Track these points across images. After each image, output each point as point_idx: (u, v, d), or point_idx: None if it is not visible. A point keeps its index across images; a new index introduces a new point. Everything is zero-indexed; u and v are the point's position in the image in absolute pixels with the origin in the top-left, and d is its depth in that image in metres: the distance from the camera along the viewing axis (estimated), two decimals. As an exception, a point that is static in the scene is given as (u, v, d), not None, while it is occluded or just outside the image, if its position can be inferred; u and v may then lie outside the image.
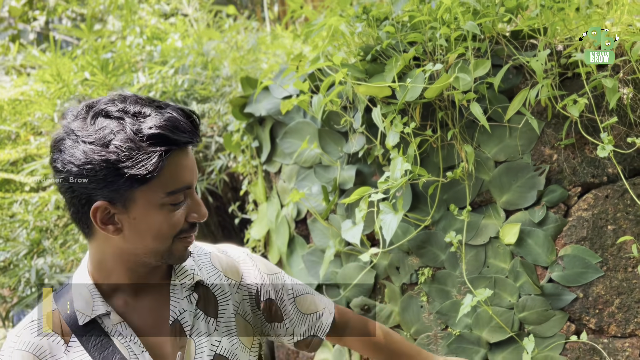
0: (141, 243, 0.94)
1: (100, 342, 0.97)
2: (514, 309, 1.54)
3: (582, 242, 1.51)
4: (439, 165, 1.62)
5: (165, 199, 0.91)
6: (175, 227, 0.94)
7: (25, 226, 2.25)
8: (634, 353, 1.48)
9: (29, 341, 0.97)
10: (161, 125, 0.89)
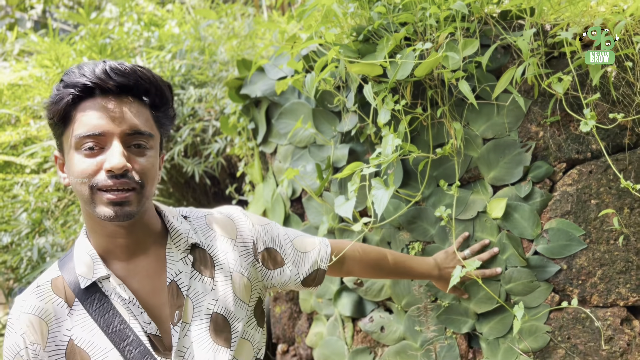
0: (75, 188, 1.01)
1: (102, 305, 1.02)
2: (500, 281, 1.60)
3: (566, 216, 1.57)
4: (429, 143, 1.67)
5: (77, 141, 0.98)
6: (85, 172, 0.97)
7: (27, 207, 2.30)
8: (615, 322, 1.54)
9: (35, 305, 1.02)
10: (75, 72, 0.98)
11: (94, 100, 0.98)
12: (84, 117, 0.97)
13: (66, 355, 1.00)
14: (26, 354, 0.99)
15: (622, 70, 1.53)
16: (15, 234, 2.21)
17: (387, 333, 1.75)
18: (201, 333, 1.06)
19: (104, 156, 0.97)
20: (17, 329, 1.01)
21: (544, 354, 1.57)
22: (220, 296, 1.10)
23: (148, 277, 1.07)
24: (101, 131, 0.97)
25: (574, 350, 1.55)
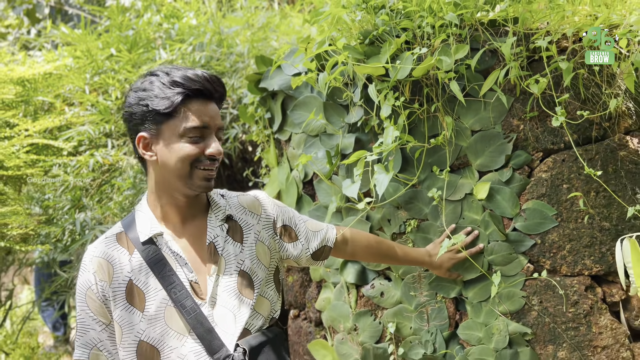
0: (170, 168, 1.26)
1: (155, 255, 1.29)
2: (483, 253, 1.86)
3: (541, 197, 1.82)
4: (424, 134, 1.92)
5: (184, 131, 1.24)
6: (191, 156, 1.25)
7: (67, 186, 2.58)
8: (580, 288, 1.80)
9: (104, 251, 1.30)
10: (183, 76, 1.24)
11: (198, 101, 1.25)
12: (191, 113, 1.24)
13: (126, 292, 1.26)
14: (96, 288, 1.26)
15: (591, 73, 1.77)
16: (57, 209, 2.49)
17: (386, 298, 2.02)
18: (230, 285, 1.33)
19: (204, 144, 1.26)
20: (90, 269, 1.28)
21: (519, 315, 1.84)
22: (246, 258, 1.37)
23: (192, 237, 1.34)
24: (206, 125, 1.26)
25: (544, 312, 1.82)
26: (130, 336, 1.25)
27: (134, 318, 1.26)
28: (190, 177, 1.26)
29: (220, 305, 1.30)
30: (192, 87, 1.24)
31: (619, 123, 1.83)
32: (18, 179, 2.69)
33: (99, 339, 1.27)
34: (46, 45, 5.37)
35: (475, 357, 1.86)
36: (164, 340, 1.25)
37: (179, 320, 1.26)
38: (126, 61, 3.13)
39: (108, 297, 1.26)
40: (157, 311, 1.25)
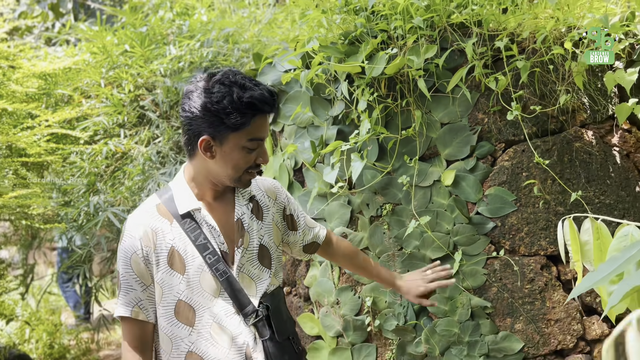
0: (224, 168, 1.46)
1: (192, 226, 1.49)
2: (450, 234, 2.05)
3: (502, 184, 2.01)
4: (399, 126, 2.11)
5: (246, 143, 1.43)
6: (247, 164, 1.45)
7: (83, 171, 2.83)
8: (536, 267, 1.98)
9: (147, 220, 1.49)
10: (254, 97, 1.40)
11: (262, 117, 1.43)
12: (255, 127, 1.41)
13: (168, 257, 1.46)
14: (141, 253, 1.45)
15: (546, 72, 1.94)
16: (74, 193, 2.75)
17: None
18: (253, 256, 1.55)
19: (257, 153, 1.45)
20: (135, 235, 1.46)
21: (481, 291, 2.03)
22: (265, 234, 1.60)
23: (222, 213, 1.55)
24: (264, 138, 1.46)
25: (504, 288, 2.00)
26: (169, 296, 1.46)
27: (174, 280, 1.46)
28: (239, 179, 1.48)
29: (245, 272, 1.52)
30: (265, 109, 1.42)
31: (575, 117, 2.00)
32: (39, 165, 2.95)
33: (140, 298, 1.46)
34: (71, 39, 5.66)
35: (441, 328, 2.06)
36: (199, 301, 1.46)
37: (212, 283, 1.47)
38: (139, 56, 3.37)
39: (151, 261, 1.45)
40: (194, 275, 1.46)
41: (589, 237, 1.52)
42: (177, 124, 3.25)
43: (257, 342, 1.48)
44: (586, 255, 1.55)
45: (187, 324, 1.45)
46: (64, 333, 4.97)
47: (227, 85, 1.40)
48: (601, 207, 1.97)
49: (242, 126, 1.40)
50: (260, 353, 1.47)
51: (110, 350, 5.06)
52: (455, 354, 2.06)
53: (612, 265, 1.09)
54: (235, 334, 1.46)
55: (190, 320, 1.45)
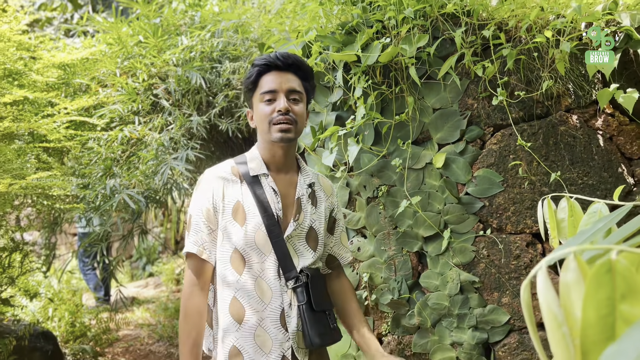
0: (260, 128, 1.65)
1: (258, 188, 1.65)
2: (440, 214, 2.18)
3: (490, 166, 2.12)
4: (393, 112, 2.23)
5: (261, 97, 1.63)
6: (267, 114, 1.61)
7: (99, 157, 3.00)
8: (522, 244, 2.10)
9: (222, 175, 1.67)
10: (258, 58, 1.64)
11: (272, 73, 1.62)
12: (264, 82, 1.62)
13: (233, 209, 1.63)
14: (212, 201, 1.62)
15: (532, 59, 2.04)
16: (92, 176, 2.92)
17: (362, 252, 2.37)
18: (302, 233, 1.69)
19: (276, 104, 1.61)
20: (209, 185, 1.64)
21: (469, 267, 2.15)
22: (316, 220, 1.74)
23: (285, 187, 1.70)
24: (274, 88, 1.62)
25: (491, 264, 2.13)
26: (228, 243, 1.62)
27: (234, 230, 1.62)
28: (270, 130, 1.63)
29: (291, 245, 1.67)
30: (261, 63, 1.63)
31: (560, 102, 2.10)
32: (59, 150, 3.13)
33: (205, 240, 1.63)
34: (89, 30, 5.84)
35: (433, 302, 2.19)
36: (250, 254, 1.61)
37: (265, 241, 1.62)
38: (152, 47, 3.52)
39: (218, 209, 1.63)
40: (251, 230, 1.62)
41: (564, 215, 1.64)
42: (189, 112, 3.40)
43: (292, 307, 1.60)
44: (562, 232, 1.67)
45: (237, 271, 1.60)
46: (84, 313, 5.20)
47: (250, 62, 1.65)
48: (584, 188, 2.07)
49: (253, 85, 1.64)
50: (293, 318, 1.59)
51: (128, 330, 5.29)
52: (446, 326, 2.19)
53: (580, 238, 1.20)
54: (275, 294, 1.60)
55: (240, 269, 1.60)
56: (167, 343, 4.89)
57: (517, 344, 2.09)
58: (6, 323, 3.86)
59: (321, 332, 1.59)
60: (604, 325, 0.68)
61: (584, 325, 0.68)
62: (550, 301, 0.72)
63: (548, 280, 0.75)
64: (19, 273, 3.47)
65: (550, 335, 0.68)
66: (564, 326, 0.71)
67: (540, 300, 0.72)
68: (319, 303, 1.62)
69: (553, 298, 0.72)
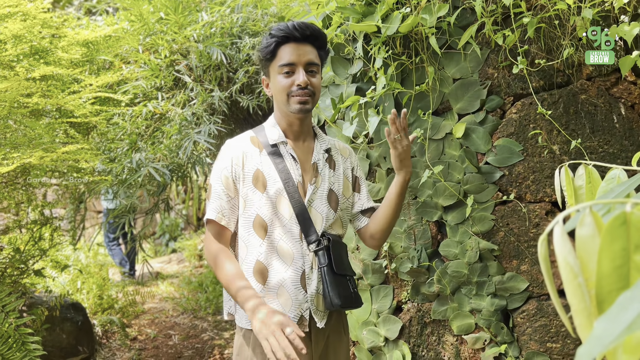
0: (277, 97, 1.68)
1: (278, 156, 1.71)
2: (460, 183, 2.20)
3: (510, 136, 2.13)
4: (414, 82, 2.25)
5: (279, 68, 1.65)
6: (286, 87, 1.65)
7: (124, 132, 3.08)
8: (541, 213, 2.12)
9: (241, 144, 1.73)
10: (276, 28, 1.66)
11: (290, 44, 1.64)
12: (282, 54, 1.64)
13: (253, 177, 1.68)
14: (231, 169, 1.68)
15: (553, 27, 2.04)
16: (117, 151, 3.00)
17: (382, 222, 2.41)
18: (322, 195, 1.74)
19: (295, 77, 1.64)
20: (229, 155, 1.70)
21: (489, 235, 2.18)
22: (335, 182, 1.79)
23: (304, 154, 1.76)
24: (292, 61, 1.65)
25: (510, 232, 2.15)
26: (251, 209, 1.68)
27: (255, 197, 1.65)
28: (288, 102, 1.67)
29: (314, 207, 1.72)
30: (280, 34, 1.64)
31: (581, 70, 2.09)
32: (86, 126, 3.21)
33: (224, 207, 1.69)
34: (109, 9, 5.89)
35: (452, 270, 2.23)
36: (272, 219, 1.67)
37: (287, 206, 1.68)
38: (173, 23, 3.57)
39: (239, 177, 1.68)
40: (273, 196, 1.67)
41: (582, 182, 1.65)
42: (210, 87, 3.45)
43: (313, 270, 1.66)
44: (580, 199, 1.69)
45: (260, 236, 1.66)
46: (111, 286, 5.36)
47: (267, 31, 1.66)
48: (605, 156, 2.08)
49: (272, 54, 1.65)
50: (314, 280, 1.65)
51: (153, 303, 5.44)
52: (465, 293, 2.23)
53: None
54: (297, 256, 1.65)
55: (263, 233, 1.66)
56: (191, 315, 5.02)
57: (535, 311, 2.13)
58: (38, 295, 4.01)
59: (342, 293, 1.64)
60: (619, 275, 0.71)
61: (599, 275, 0.71)
62: (567, 253, 0.75)
63: (564, 234, 0.79)
64: (49, 246, 3.59)
65: (566, 286, 0.71)
66: (579, 277, 0.75)
67: (557, 252, 0.75)
68: (340, 266, 1.67)
69: (569, 250, 0.75)
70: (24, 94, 2.84)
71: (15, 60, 3.05)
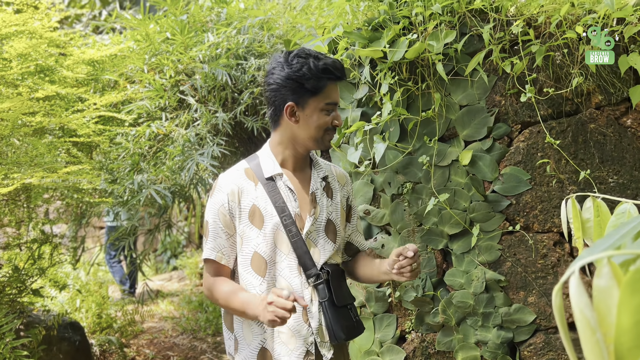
0: (307, 131, 1.63)
1: (274, 189, 1.67)
2: (466, 211, 2.16)
3: (518, 164, 2.10)
4: (419, 108, 2.22)
5: (324, 106, 1.61)
6: (326, 124, 1.63)
7: (127, 152, 3.05)
8: (549, 243, 2.07)
9: (236, 179, 1.68)
10: (328, 64, 1.61)
11: (334, 83, 1.63)
12: (330, 92, 1.62)
13: (249, 213, 1.65)
14: (228, 206, 1.64)
15: (562, 55, 2.01)
16: (120, 171, 2.98)
17: (386, 249, 2.36)
18: (320, 227, 1.71)
19: (333, 116, 1.63)
20: (225, 190, 1.66)
21: (495, 265, 2.13)
22: (333, 211, 1.75)
23: (300, 184, 1.72)
24: (336, 101, 1.65)
25: (517, 263, 2.10)
26: (248, 247, 1.65)
27: (252, 234, 1.62)
28: (321, 140, 1.65)
29: (312, 240, 1.68)
30: (336, 74, 1.62)
31: (590, 99, 2.06)
32: (88, 145, 3.19)
33: (223, 245, 1.66)
34: (117, 27, 5.92)
35: (457, 300, 2.18)
36: (271, 256, 1.64)
37: (285, 241, 1.64)
38: (179, 44, 3.57)
39: (235, 214, 1.64)
40: (270, 232, 1.64)
41: (590, 215, 1.61)
42: (214, 108, 3.43)
43: (313, 303, 1.62)
44: (587, 232, 1.64)
45: (259, 274, 1.62)
46: (110, 305, 5.30)
47: (304, 57, 1.61)
48: (614, 187, 2.04)
49: (320, 90, 1.60)
50: (316, 313, 1.61)
51: (153, 323, 5.37)
52: (471, 325, 2.18)
53: (608, 240, 1.18)
54: (297, 291, 1.61)
55: (263, 271, 1.62)
56: (190, 336, 4.95)
57: (543, 344, 2.07)
58: (36, 313, 3.95)
59: (344, 325, 1.61)
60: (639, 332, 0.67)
61: (618, 331, 0.67)
62: (584, 307, 0.71)
63: (581, 285, 0.75)
64: (48, 264, 3.55)
65: (583, 341, 0.67)
66: (597, 332, 0.71)
67: (573, 305, 0.72)
68: (340, 298, 1.63)
69: (586, 304, 0.71)
70: (27, 113, 2.83)
71: (20, 78, 3.05)
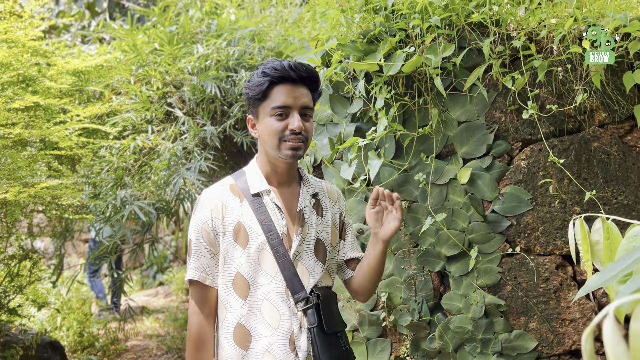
0: (266, 140, 1.53)
1: (260, 206, 1.56)
2: (465, 232, 2.07)
3: (518, 183, 2.01)
4: (416, 124, 2.13)
5: (270, 111, 1.50)
6: (278, 130, 1.50)
7: (111, 166, 2.94)
8: (551, 266, 1.98)
9: (220, 195, 1.57)
10: (270, 67, 1.50)
11: (284, 85, 1.51)
12: (276, 95, 1.51)
13: (233, 231, 1.54)
14: (211, 223, 1.53)
15: (565, 71, 1.94)
16: (102, 186, 2.85)
17: (380, 270, 2.26)
18: (309, 247, 1.60)
19: (288, 121, 1.51)
20: (208, 206, 1.55)
21: (495, 289, 2.04)
22: (323, 231, 1.64)
23: (288, 201, 1.61)
24: (287, 104, 1.52)
25: (518, 287, 2.01)
26: (230, 267, 1.53)
27: (236, 253, 1.51)
28: (279, 147, 1.53)
29: (300, 261, 1.57)
30: (275, 75, 1.51)
31: (593, 116, 1.99)
32: (71, 158, 3.07)
33: (207, 264, 1.55)
34: (105, 37, 5.81)
35: (455, 325, 2.08)
36: (254, 277, 1.52)
37: (271, 261, 1.53)
38: (167, 55, 3.47)
39: (219, 231, 1.53)
40: (255, 251, 1.52)
41: (599, 237, 1.51)
42: (203, 121, 3.33)
43: (302, 331, 1.51)
44: (596, 255, 1.55)
45: (241, 297, 1.51)
46: (93, 322, 5.13)
47: (257, 67, 1.53)
48: (619, 208, 1.95)
49: (264, 95, 1.51)
50: (304, 341, 1.50)
51: (137, 341, 5.20)
52: (469, 351, 2.07)
53: (620, 265, 1.09)
54: (284, 317, 1.50)
55: (244, 294, 1.51)
56: (175, 355, 4.79)
57: (545, 373, 1.97)
58: (14, 332, 3.79)
59: (334, 355, 1.49)
60: (680, 378, 0.61)
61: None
62: (621, 353, 0.64)
63: (616, 330, 0.66)
64: (27, 282, 3.40)
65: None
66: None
67: (608, 350, 0.64)
68: (330, 325, 1.52)
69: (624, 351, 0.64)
70: (6, 124, 2.70)
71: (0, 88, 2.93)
